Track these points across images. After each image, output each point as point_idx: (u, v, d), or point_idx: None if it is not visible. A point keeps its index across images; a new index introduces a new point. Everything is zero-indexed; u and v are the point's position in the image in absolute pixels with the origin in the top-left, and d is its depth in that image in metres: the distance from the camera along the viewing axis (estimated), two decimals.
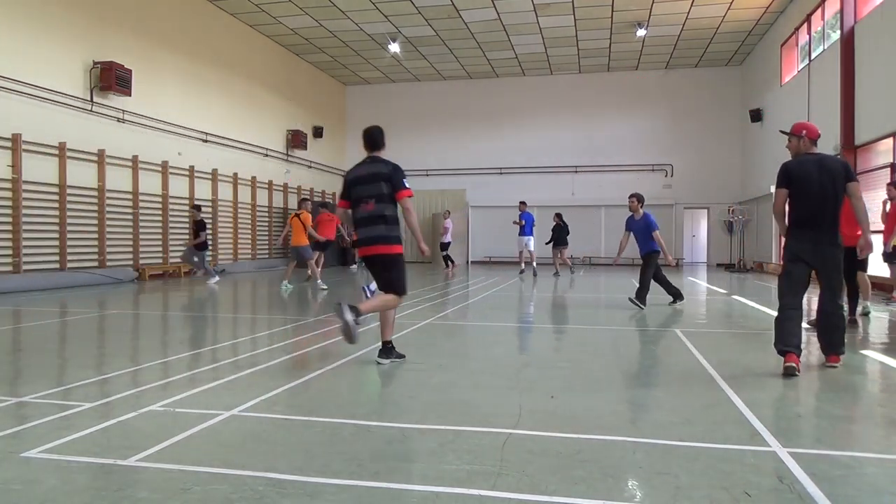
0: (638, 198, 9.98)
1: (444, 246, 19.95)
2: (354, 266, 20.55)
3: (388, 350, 5.14)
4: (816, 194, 4.82)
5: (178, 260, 15.44)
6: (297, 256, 12.59)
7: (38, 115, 12.24)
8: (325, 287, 12.08)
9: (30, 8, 12.17)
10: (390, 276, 5.21)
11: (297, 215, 12.44)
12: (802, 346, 4.81)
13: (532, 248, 17.30)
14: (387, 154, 5.40)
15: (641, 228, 9.84)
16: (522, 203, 18.07)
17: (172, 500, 2.42)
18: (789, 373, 4.59)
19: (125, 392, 4.11)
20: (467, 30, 19.63)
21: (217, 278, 14.09)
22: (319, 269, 12.86)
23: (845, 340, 5.05)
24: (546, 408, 3.80)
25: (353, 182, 5.24)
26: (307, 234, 12.29)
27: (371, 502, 2.44)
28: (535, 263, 17.32)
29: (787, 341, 4.71)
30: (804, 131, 5.07)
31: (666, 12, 18.17)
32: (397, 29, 19.52)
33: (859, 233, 5.19)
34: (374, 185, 5.11)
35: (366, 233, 5.15)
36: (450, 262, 19.59)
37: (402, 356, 5.21)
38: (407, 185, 5.13)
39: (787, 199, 4.95)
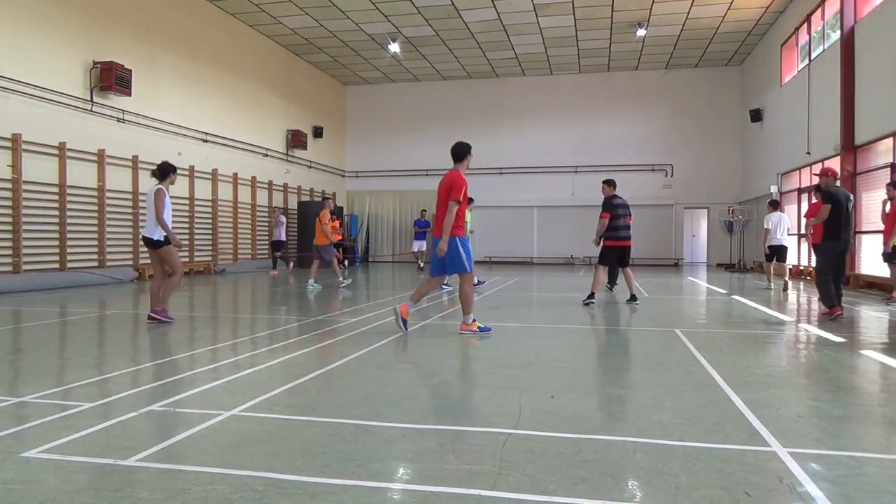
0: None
1: (276, 245, 18.64)
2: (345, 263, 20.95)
3: (633, 297, 9.56)
4: (843, 211, 7.78)
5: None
6: (318, 255, 12.99)
7: (38, 115, 12.25)
8: (315, 287, 12.20)
9: (30, 8, 12.17)
10: (629, 258, 9.91)
11: (317, 215, 13.11)
12: (802, 346, 4.84)
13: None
14: (387, 154, 5.67)
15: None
16: None
17: (172, 500, 2.42)
18: (838, 315, 7.66)
19: (125, 392, 4.11)
20: (467, 30, 19.63)
21: None
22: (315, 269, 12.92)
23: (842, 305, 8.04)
24: (546, 408, 3.79)
25: (617, 206, 9.66)
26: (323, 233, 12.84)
27: (371, 502, 2.44)
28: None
29: (832, 298, 7.78)
30: (830, 172, 8.20)
31: (666, 12, 18.17)
32: (397, 29, 19.52)
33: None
34: (626, 209, 9.76)
35: (625, 234, 9.67)
36: (280, 263, 18.53)
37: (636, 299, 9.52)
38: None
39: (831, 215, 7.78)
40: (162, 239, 7.32)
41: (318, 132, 23.70)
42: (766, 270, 13.29)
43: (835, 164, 14.62)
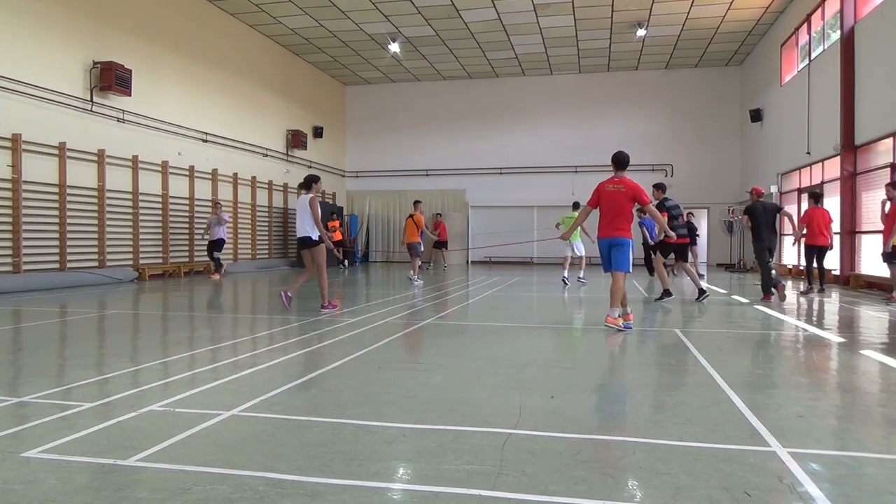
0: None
1: (216, 245, 15.91)
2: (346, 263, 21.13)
3: (702, 292, 10.26)
4: (763, 220, 10.12)
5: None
6: (414, 252, 14.33)
7: (38, 115, 12.24)
8: (420, 281, 13.83)
9: (30, 8, 12.16)
10: (687, 253, 11.23)
11: (412, 216, 14.45)
12: (802, 346, 4.82)
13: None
14: (387, 154, 5.67)
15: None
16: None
17: (172, 500, 2.42)
18: (766, 301, 10.04)
19: (125, 392, 4.11)
20: (467, 30, 19.63)
21: None
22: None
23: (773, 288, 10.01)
24: (546, 408, 3.79)
25: (671, 207, 10.60)
26: (420, 232, 14.28)
27: (371, 502, 2.44)
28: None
29: (768, 287, 10.12)
30: (753, 191, 10.66)
31: (666, 12, 18.17)
32: (397, 29, 19.52)
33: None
34: (679, 209, 10.81)
35: (682, 231, 10.52)
36: (220, 266, 15.93)
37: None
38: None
39: (751, 222, 10.26)
40: (317, 238, 8.67)
41: (318, 132, 23.70)
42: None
43: (834, 163, 14.63)
